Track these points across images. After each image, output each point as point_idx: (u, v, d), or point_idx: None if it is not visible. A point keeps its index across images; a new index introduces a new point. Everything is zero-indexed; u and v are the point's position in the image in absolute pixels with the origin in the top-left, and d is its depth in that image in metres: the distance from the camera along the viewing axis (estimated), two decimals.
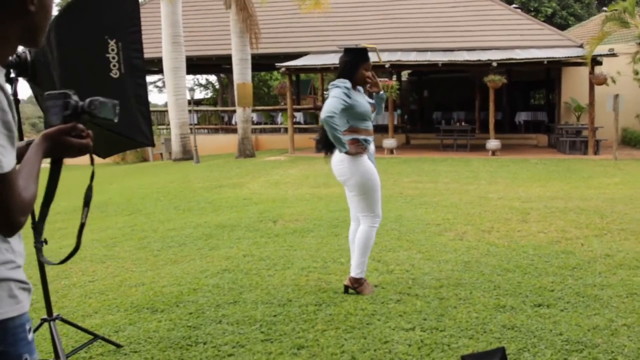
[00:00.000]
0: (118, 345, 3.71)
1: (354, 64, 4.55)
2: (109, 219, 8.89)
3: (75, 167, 21.73)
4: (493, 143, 16.94)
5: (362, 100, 4.55)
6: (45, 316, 3.43)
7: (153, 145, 3.42)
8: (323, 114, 4.35)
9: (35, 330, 3.50)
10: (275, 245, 6.42)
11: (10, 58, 2.85)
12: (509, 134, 20.80)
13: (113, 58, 3.27)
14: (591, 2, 34.79)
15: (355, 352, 3.49)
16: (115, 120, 1.69)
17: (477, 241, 6.29)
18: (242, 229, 7.39)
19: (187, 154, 18.98)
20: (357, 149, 4.47)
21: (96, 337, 3.62)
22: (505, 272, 5.09)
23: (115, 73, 3.28)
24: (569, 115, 20.35)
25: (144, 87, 3.37)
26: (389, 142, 17.86)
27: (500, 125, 21.62)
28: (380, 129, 21.42)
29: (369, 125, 4.60)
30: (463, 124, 19.58)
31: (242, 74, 17.64)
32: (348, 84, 4.48)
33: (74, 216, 9.41)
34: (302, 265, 5.52)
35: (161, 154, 21.74)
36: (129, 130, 3.35)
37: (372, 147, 4.62)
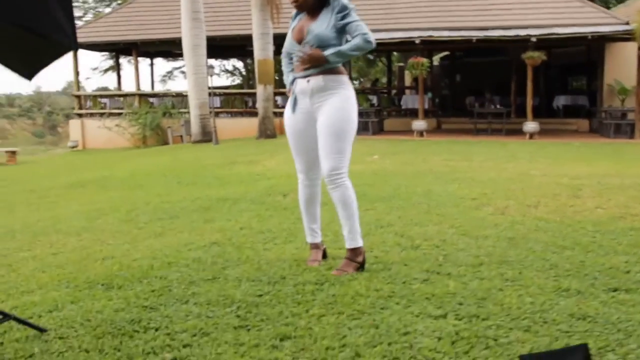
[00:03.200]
0: (41, 330, 2.72)
1: None
2: (105, 193, 7.98)
3: (99, 152, 21.05)
4: (531, 125, 15.66)
5: (289, 30, 3.69)
6: None
7: (76, 48, 2.41)
8: None
9: None
10: (280, 218, 5.39)
11: None
12: (547, 118, 19.44)
13: None
14: None
15: (361, 346, 2.45)
16: None
17: (522, 216, 5.18)
18: (246, 201, 6.40)
19: (206, 136, 18.02)
20: (289, 91, 3.76)
21: (6, 316, 2.63)
22: (562, 249, 3.99)
23: None
24: (612, 98, 18.89)
25: None
26: (419, 124, 16.69)
27: (537, 111, 20.27)
28: (411, 113, 20.30)
29: (297, 59, 3.59)
30: (498, 106, 18.26)
31: (263, 49, 16.60)
32: (294, 13, 3.75)
33: (68, 192, 8.55)
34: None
35: (181, 136, 20.84)
36: (42, 24, 2.34)
37: (298, 85, 3.62)
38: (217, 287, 3.31)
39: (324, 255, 3.90)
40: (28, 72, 2.69)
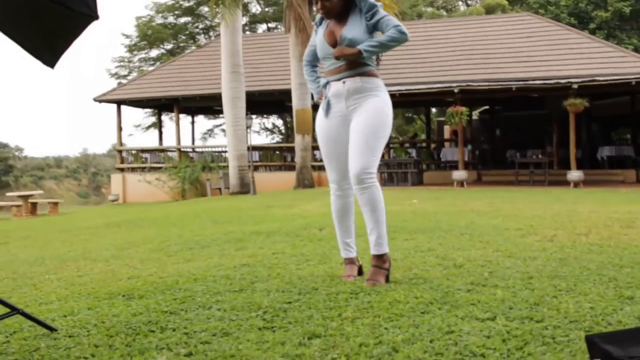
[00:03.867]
0: (50, 329, 2.51)
1: None
2: (138, 231, 7.85)
3: (138, 205, 21.19)
4: (575, 174, 15.20)
5: (320, 34, 3.50)
6: None
7: (96, 16, 2.28)
8: None
9: None
10: (314, 246, 5.15)
11: None
12: (591, 169, 18.90)
13: None
14: None
15: (399, 343, 2.17)
16: None
17: (572, 242, 4.83)
18: (281, 234, 6.16)
19: (244, 187, 17.98)
20: (319, 97, 3.60)
21: (13, 310, 2.43)
22: (620, 267, 3.65)
23: None
24: None
25: None
26: (459, 174, 16.38)
27: (581, 163, 19.78)
28: (450, 166, 20.00)
29: (331, 63, 3.44)
30: (540, 156, 17.85)
31: (301, 99, 16.67)
32: (319, 16, 3.56)
33: (102, 230, 8.48)
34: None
35: (219, 189, 20.88)
36: None
37: (332, 88, 3.44)
38: (243, 296, 3.07)
39: (360, 272, 3.64)
40: (50, 55, 2.57)
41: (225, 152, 21.26)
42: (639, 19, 32.34)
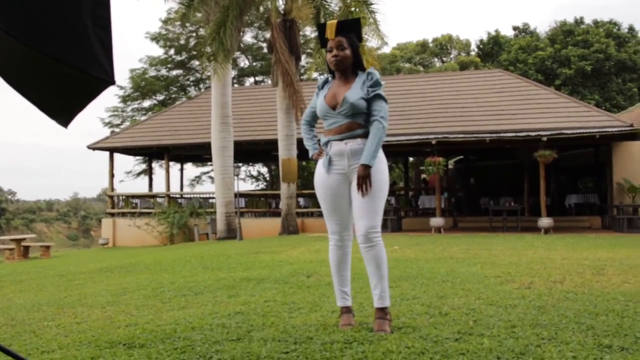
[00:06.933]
0: None
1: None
2: (131, 276, 7.75)
3: (128, 249, 20.95)
4: (545, 221, 15.36)
5: (321, 96, 3.60)
6: None
7: (113, 82, 2.33)
8: None
9: None
10: (304, 294, 5.14)
11: None
12: (560, 216, 19.12)
13: None
14: (634, 94, 33.45)
15: None
16: None
17: (549, 289, 4.88)
18: (270, 281, 6.14)
19: (231, 233, 17.91)
20: (316, 154, 3.66)
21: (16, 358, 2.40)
22: (595, 315, 3.69)
23: None
24: (622, 196, 18.59)
25: (104, 5, 2.31)
26: (437, 220, 16.46)
27: (550, 210, 19.99)
28: (428, 213, 20.11)
29: (331, 123, 3.55)
30: (512, 204, 18.05)
31: (287, 149, 16.76)
32: (321, 80, 3.72)
33: (95, 275, 8.37)
34: (333, 308, 4.22)
35: (207, 234, 20.73)
36: (82, 60, 2.27)
37: (334, 147, 3.52)
38: (241, 345, 3.06)
39: None
40: (65, 117, 2.60)
41: (213, 198, 21.21)
42: (600, 76, 33.34)
